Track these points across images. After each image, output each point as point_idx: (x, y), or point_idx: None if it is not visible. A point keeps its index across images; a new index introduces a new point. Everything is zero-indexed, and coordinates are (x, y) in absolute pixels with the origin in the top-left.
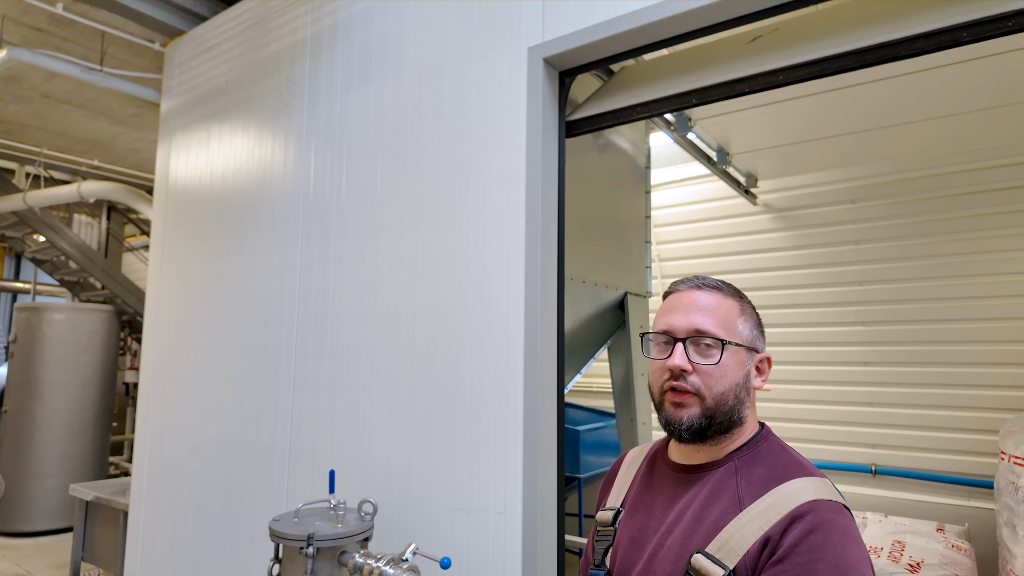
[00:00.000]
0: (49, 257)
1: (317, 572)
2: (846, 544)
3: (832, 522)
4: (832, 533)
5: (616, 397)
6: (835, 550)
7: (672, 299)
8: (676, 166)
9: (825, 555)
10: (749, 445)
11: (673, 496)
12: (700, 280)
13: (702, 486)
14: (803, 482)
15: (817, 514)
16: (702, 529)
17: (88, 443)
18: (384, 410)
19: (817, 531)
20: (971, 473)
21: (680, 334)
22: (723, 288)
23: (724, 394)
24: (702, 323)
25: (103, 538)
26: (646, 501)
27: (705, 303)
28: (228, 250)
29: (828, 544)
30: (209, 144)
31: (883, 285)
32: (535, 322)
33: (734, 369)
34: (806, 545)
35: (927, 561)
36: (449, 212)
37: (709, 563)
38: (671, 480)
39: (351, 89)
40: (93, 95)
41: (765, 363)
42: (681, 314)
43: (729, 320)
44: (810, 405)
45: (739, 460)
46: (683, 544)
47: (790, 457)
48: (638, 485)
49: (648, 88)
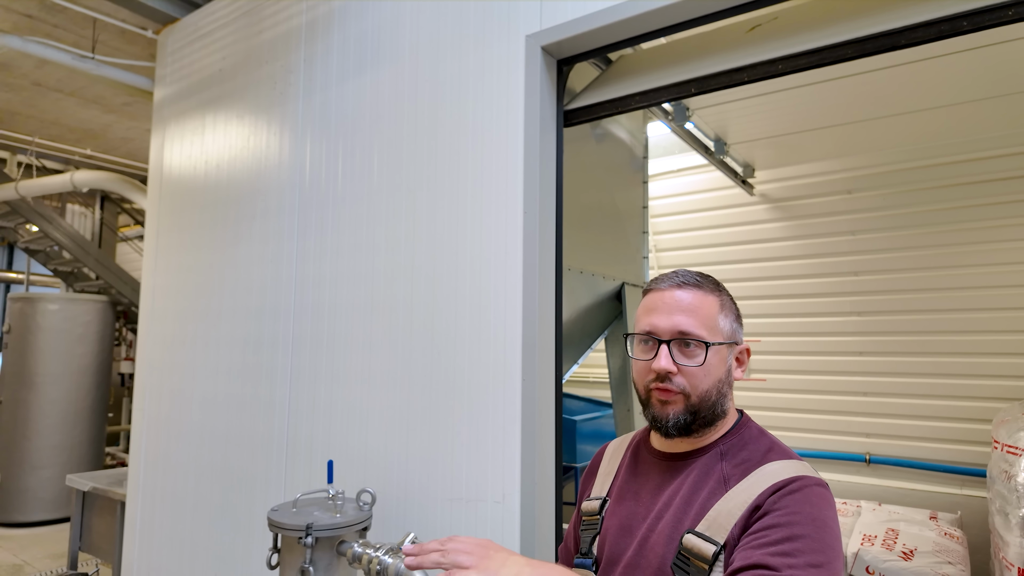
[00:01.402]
0: (42, 247)
1: (316, 562)
2: (824, 506)
3: (812, 488)
4: (812, 495)
5: (613, 387)
6: (813, 507)
7: (653, 298)
8: (673, 156)
9: (803, 509)
10: (732, 433)
11: (661, 483)
12: (680, 277)
13: (689, 472)
14: (785, 463)
15: (801, 481)
16: (692, 511)
17: (84, 433)
18: (382, 400)
19: (798, 492)
20: (964, 462)
21: (664, 336)
22: (702, 284)
23: (708, 391)
24: (685, 324)
25: (100, 528)
26: (633, 489)
27: (687, 303)
28: (223, 240)
29: (807, 502)
30: (204, 133)
31: (879, 275)
32: (533, 311)
33: (717, 367)
34: (786, 502)
35: (920, 549)
36: (446, 202)
37: (700, 541)
38: (657, 468)
39: (347, 77)
40: (85, 83)
41: (744, 354)
42: (664, 315)
43: (711, 319)
44: (805, 395)
45: (724, 446)
46: (674, 527)
47: (771, 442)
48: (624, 474)
49: (647, 77)
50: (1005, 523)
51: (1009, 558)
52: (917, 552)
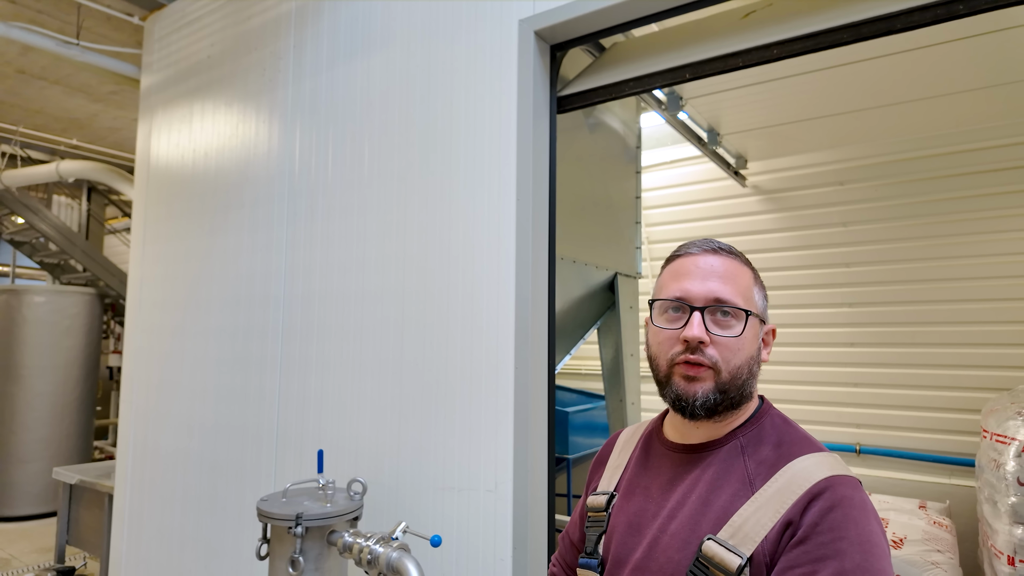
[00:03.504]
0: (28, 239)
1: (306, 552)
2: (867, 520)
3: (851, 498)
4: (853, 509)
5: (605, 378)
6: (857, 527)
7: (684, 262)
8: (666, 147)
9: (848, 532)
10: (751, 421)
11: (673, 478)
12: (713, 243)
13: (705, 467)
14: (814, 458)
15: (835, 491)
16: (711, 514)
17: (72, 427)
18: (373, 390)
19: (837, 508)
20: (953, 452)
21: (697, 302)
22: (736, 254)
23: (740, 368)
24: (722, 291)
25: (88, 521)
26: (643, 484)
27: (723, 269)
28: (212, 229)
29: (850, 520)
30: (191, 121)
31: (870, 267)
32: (526, 299)
33: (751, 342)
34: (827, 523)
35: (910, 537)
36: (438, 189)
37: (723, 551)
38: (670, 461)
39: (337, 64)
40: (70, 71)
41: (770, 334)
42: (698, 280)
43: (748, 289)
44: (796, 386)
45: (743, 438)
46: (690, 530)
47: (796, 432)
48: (633, 467)
49: (641, 63)
50: (994, 511)
51: (998, 546)
52: (907, 541)
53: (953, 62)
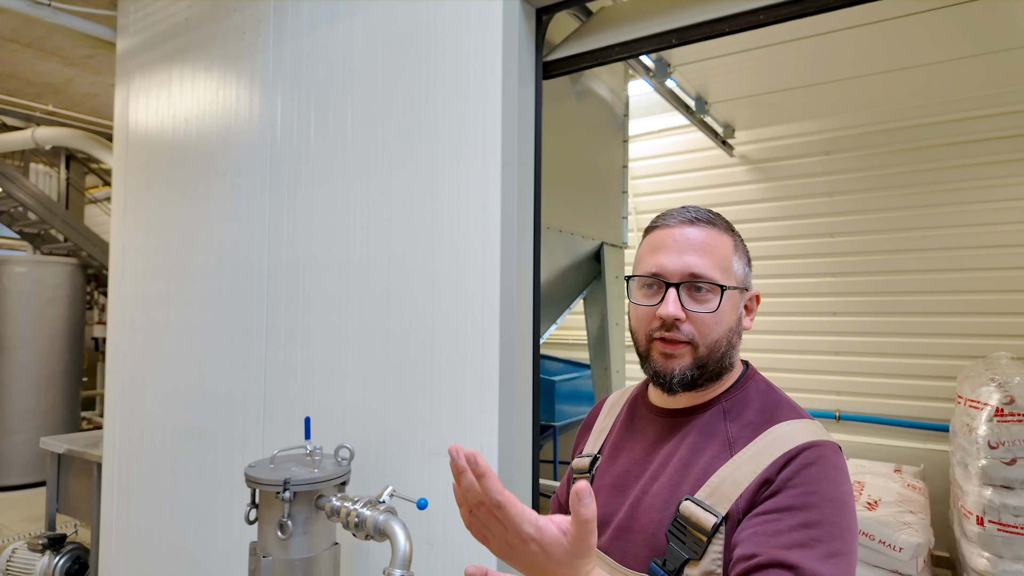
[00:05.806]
0: (6, 207)
1: (294, 516)
2: (840, 480)
3: (828, 459)
4: (828, 469)
5: (591, 347)
6: (831, 484)
7: (660, 235)
8: (654, 116)
9: (820, 488)
10: (736, 387)
11: (657, 441)
12: (691, 212)
13: (688, 431)
14: (796, 424)
15: (813, 450)
16: (691, 475)
17: (58, 398)
18: (359, 358)
19: (813, 465)
20: (928, 417)
21: (673, 278)
22: (716, 221)
23: (718, 341)
24: (698, 266)
25: (77, 490)
26: (627, 447)
27: (700, 241)
28: (194, 197)
29: (823, 478)
30: (170, 86)
31: (853, 237)
32: (511, 269)
33: (729, 314)
34: (801, 478)
35: (884, 499)
36: (422, 156)
37: (699, 510)
38: (654, 425)
39: (318, 27)
40: (43, 33)
41: (754, 300)
42: (673, 254)
43: (725, 260)
44: (779, 354)
45: (727, 403)
46: (671, 491)
47: (780, 397)
48: (618, 431)
49: (628, 28)
50: (965, 474)
51: (967, 506)
52: (881, 503)
53: (941, 30)
